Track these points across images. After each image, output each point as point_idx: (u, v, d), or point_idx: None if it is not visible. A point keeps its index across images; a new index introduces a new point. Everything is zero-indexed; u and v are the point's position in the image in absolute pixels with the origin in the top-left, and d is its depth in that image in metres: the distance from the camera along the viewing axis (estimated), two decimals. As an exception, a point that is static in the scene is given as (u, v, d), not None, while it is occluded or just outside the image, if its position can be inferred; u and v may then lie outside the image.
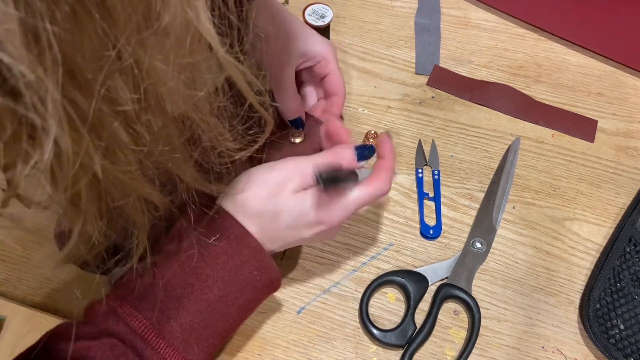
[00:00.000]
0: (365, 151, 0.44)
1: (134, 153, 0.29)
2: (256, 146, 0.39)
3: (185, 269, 0.39)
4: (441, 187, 0.57)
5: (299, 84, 0.57)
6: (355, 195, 0.43)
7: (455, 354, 0.49)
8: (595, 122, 0.62)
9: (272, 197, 0.41)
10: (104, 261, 0.40)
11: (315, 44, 0.53)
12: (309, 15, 0.61)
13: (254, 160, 0.44)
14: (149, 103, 0.28)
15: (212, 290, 0.39)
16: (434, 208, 0.56)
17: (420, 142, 0.60)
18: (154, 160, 0.31)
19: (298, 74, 0.55)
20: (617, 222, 0.55)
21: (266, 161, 0.45)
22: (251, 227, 0.41)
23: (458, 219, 0.56)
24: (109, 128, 0.27)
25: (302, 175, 0.42)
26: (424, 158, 0.59)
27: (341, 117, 0.60)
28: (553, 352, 0.49)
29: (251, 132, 0.39)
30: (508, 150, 0.60)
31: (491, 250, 0.54)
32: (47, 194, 0.28)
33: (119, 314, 0.38)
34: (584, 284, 0.52)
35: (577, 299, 0.52)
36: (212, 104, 0.32)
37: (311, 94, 0.58)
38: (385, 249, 0.54)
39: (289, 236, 0.43)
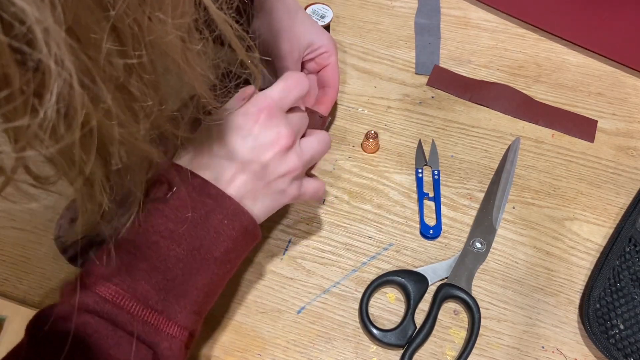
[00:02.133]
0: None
1: (138, 110, 0.29)
2: (244, 102, 0.40)
3: (148, 228, 0.38)
4: (441, 187, 0.57)
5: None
6: (274, 84, 0.43)
7: (455, 354, 0.49)
8: (595, 122, 0.62)
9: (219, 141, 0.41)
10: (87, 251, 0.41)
11: (322, 35, 0.54)
12: (309, 15, 0.61)
13: None
14: (151, 58, 0.28)
15: (180, 245, 0.38)
16: (434, 208, 0.56)
17: (420, 142, 0.60)
18: (154, 119, 0.31)
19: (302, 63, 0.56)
20: (617, 222, 0.55)
21: None
22: (208, 174, 0.40)
23: (458, 219, 0.56)
24: (115, 82, 0.27)
25: None
26: (424, 158, 0.59)
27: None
28: (553, 352, 0.49)
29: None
30: (508, 150, 0.60)
31: (491, 250, 0.54)
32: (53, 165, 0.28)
33: (87, 285, 0.37)
34: (584, 284, 0.52)
35: (577, 299, 0.52)
36: (206, 61, 0.33)
37: (313, 83, 0.58)
38: (385, 249, 0.54)
39: (250, 169, 0.41)
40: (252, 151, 0.41)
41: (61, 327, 0.35)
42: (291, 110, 0.44)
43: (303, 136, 0.45)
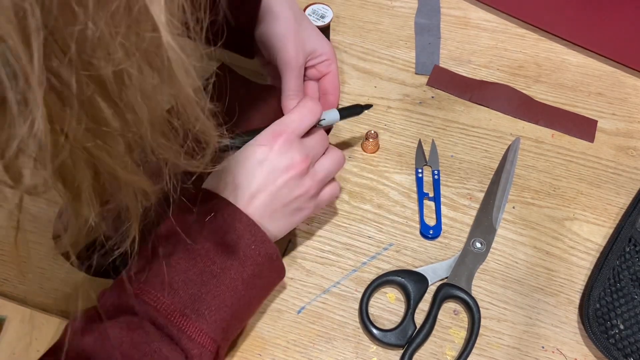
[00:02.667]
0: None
1: (121, 136, 0.29)
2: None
3: (187, 245, 0.41)
4: (441, 187, 0.57)
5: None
6: (288, 113, 0.47)
7: (455, 353, 0.49)
8: (595, 122, 0.62)
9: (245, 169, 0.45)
10: (89, 254, 0.41)
11: (324, 43, 0.55)
12: (309, 15, 0.61)
13: None
14: (124, 82, 0.27)
15: (215, 263, 0.42)
16: (434, 208, 0.56)
17: (420, 142, 0.60)
18: (143, 146, 0.31)
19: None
20: (617, 222, 0.55)
21: None
22: (227, 195, 0.44)
23: (458, 219, 0.56)
24: (93, 103, 0.27)
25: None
26: (424, 158, 0.59)
27: None
28: (553, 352, 0.49)
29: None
30: (508, 150, 0.60)
31: (491, 250, 0.54)
32: (41, 176, 0.28)
33: (129, 292, 0.40)
34: (584, 284, 0.52)
35: (577, 299, 0.52)
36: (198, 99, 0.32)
37: (313, 90, 0.58)
38: (385, 249, 0.54)
39: (267, 191, 0.45)
40: (268, 176, 0.45)
41: (102, 327, 0.39)
42: (308, 133, 0.48)
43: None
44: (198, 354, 0.40)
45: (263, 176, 0.45)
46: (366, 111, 0.53)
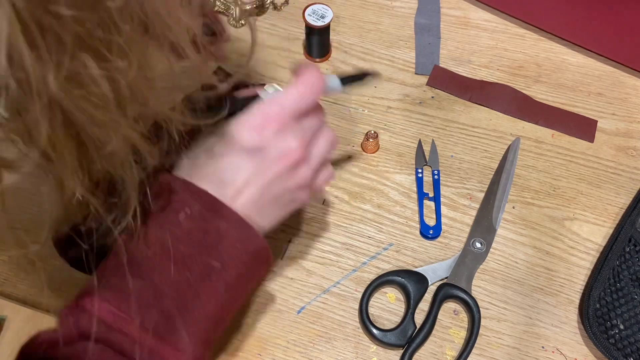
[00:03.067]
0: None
1: (109, 83, 0.27)
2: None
3: (157, 250, 0.36)
4: (441, 187, 0.57)
5: None
6: (287, 90, 0.39)
7: (455, 353, 0.49)
8: (595, 122, 0.62)
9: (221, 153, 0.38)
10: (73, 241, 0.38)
11: None
12: (309, 15, 0.61)
13: None
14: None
15: (192, 270, 0.36)
16: (434, 208, 0.56)
17: (420, 142, 0.60)
18: (138, 104, 0.29)
19: None
20: (616, 222, 0.55)
21: None
22: (211, 188, 0.38)
23: (458, 219, 0.56)
24: (75, 53, 0.25)
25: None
26: (424, 158, 0.59)
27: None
28: (553, 352, 0.49)
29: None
30: (508, 150, 0.60)
31: (491, 250, 0.54)
32: (19, 150, 0.26)
33: (91, 313, 0.34)
34: (584, 283, 0.52)
35: (577, 299, 0.52)
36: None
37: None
38: (385, 249, 0.54)
39: (257, 185, 0.38)
40: (259, 167, 0.38)
41: (57, 354, 0.33)
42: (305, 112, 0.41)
43: None
44: None
45: (252, 168, 0.38)
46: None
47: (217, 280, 0.37)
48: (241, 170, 0.38)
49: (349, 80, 0.45)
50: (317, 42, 0.64)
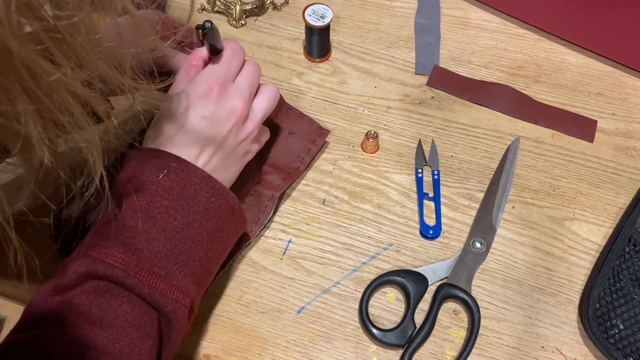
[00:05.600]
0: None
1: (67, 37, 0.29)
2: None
3: (144, 205, 0.41)
4: (441, 187, 0.57)
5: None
6: (217, 57, 0.46)
7: (455, 353, 0.49)
8: (595, 122, 0.62)
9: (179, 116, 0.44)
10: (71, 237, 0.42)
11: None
12: (309, 15, 0.61)
13: None
14: None
15: (176, 219, 0.41)
16: (433, 208, 0.56)
17: (420, 142, 0.60)
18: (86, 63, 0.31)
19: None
20: (616, 222, 0.55)
21: None
22: (176, 152, 0.43)
23: (458, 219, 0.56)
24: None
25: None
26: (423, 158, 0.59)
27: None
28: (553, 352, 0.49)
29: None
30: (508, 150, 0.60)
31: (491, 250, 0.54)
32: None
33: (93, 257, 0.38)
34: (584, 283, 0.52)
35: (576, 299, 0.52)
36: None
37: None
38: (385, 249, 0.54)
39: (215, 143, 0.45)
40: (212, 127, 0.45)
41: (66, 298, 0.37)
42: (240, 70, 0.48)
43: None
44: (172, 310, 0.39)
45: (209, 130, 0.44)
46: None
47: (199, 227, 0.42)
48: (201, 134, 0.44)
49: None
50: (317, 42, 0.64)
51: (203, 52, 0.48)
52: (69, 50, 0.29)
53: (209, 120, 0.45)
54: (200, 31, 0.44)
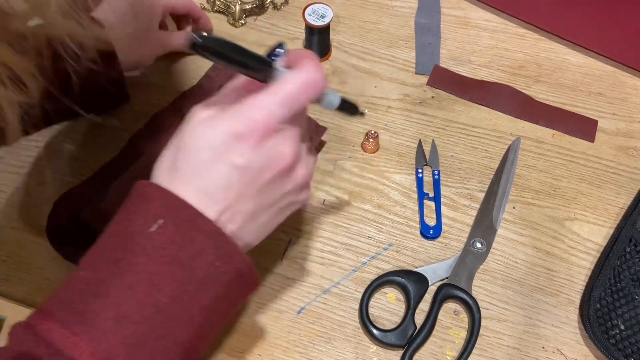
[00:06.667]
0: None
1: None
2: None
3: (123, 267, 0.31)
4: (441, 187, 0.57)
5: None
6: (278, 86, 0.33)
7: (455, 354, 0.49)
8: (596, 122, 0.62)
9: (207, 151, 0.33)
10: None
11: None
12: (309, 15, 0.61)
13: None
14: None
15: (161, 291, 0.31)
16: (434, 208, 0.56)
17: (420, 142, 0.60)
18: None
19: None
20: (617, 222, 0.55)
21: None
22: (190, 196, 0.33)
23: (458, 219, 0.56)
24: None
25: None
26: (424, 158, 0.59)
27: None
28: (553, 352, 0.49)
29: None
30: (508, 150, 0.60)
31: (491, 250, 0.54)
32: None
33: (39, 332, 0.30)
34: (584, 284, 0.52)
35: (577, 299, 0.52)
36: None
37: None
38: (385, 249, 0.54)
39: (247, 196, 0.34)
40: (249, 181, 0.34)
41: None
42: None
43: None
44: None
45: (243, 184, 0.34)
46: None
47: (191, 301, 0.32)
48: (232, 188, 0.33)
49: (346, 105, 0.42)
50: (317, 42, 0.64)
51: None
52: None
53: (245, 173, 0.33)
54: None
